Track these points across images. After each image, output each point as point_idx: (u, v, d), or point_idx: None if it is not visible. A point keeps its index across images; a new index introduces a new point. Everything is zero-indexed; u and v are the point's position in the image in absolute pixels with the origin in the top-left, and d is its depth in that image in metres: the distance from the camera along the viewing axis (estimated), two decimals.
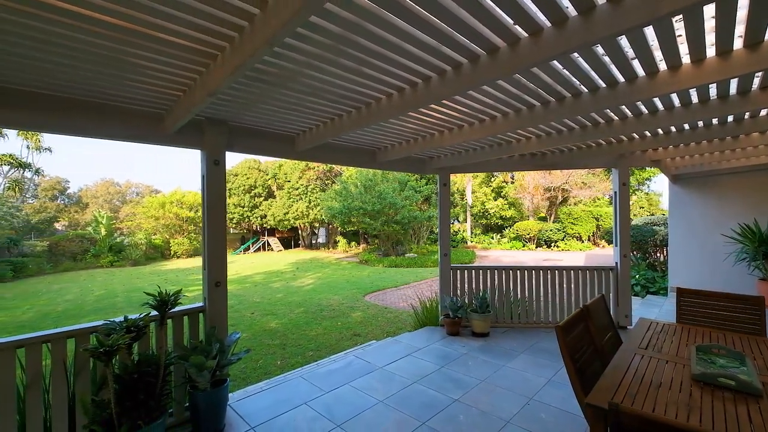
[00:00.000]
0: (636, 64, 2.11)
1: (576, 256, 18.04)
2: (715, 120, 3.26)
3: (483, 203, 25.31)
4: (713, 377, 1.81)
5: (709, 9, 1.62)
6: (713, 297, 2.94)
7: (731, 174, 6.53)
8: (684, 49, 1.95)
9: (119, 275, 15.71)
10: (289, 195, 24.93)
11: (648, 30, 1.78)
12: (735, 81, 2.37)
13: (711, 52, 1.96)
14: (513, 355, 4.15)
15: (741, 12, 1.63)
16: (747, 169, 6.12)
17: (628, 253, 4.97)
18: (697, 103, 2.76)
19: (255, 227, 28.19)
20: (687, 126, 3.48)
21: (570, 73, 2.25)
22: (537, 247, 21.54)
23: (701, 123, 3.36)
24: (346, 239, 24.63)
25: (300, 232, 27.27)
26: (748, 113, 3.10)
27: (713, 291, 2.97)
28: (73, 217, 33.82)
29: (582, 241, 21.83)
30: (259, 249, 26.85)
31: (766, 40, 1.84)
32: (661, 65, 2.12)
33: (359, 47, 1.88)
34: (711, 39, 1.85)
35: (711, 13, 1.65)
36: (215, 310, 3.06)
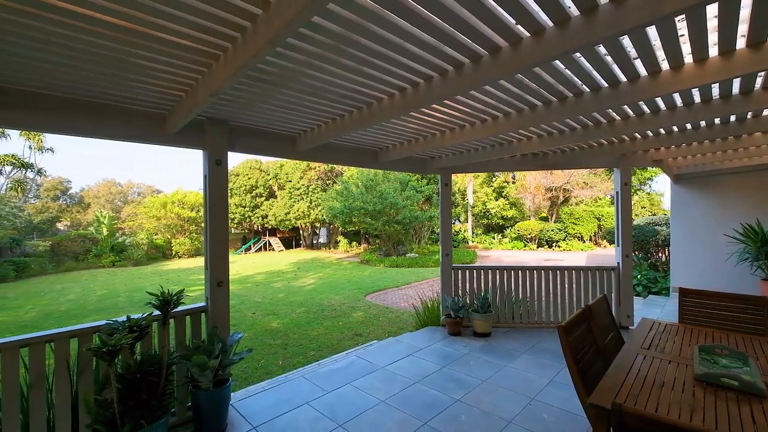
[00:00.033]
0: (638, 63, 2.11)
1: (577, 256, 18.00)
2: (718, 119, 3.25)
3: (484, 203, 25.28)
4: (716, 377, 1.80)
5: (712, 8, 1.61)
6: (716, 297, 2.93)
7: (733, 174, 6.51)
8: (686, 49, 1.95)
9: (121, 275, 15.76)
10: (291, 195, 24.95)
11: (650, 29, 1.77)
12: (738, 81, 2.37)
13: (714, 51, 1.96)
14: (515, 355, 4.14)
15: (744, 11, 1.62)
16: (749, 169, 6.09)
17: (630, 253, 4.96)
18: (700, 103, 2.75)
19: (256, 227, 28.23)
20: (689, 126, 3.47)
21: (572, 73, 2.25)
22: (538, 247, 21.51)
23: (703, 122, 3.35)
24: (347, 239, 24.64)
25: (301, 232, 27.28)
26: (750, 113, 3.09)
27: (716, 291, 2.96)
28: (75, 217, 33.92)
29: (583, 241, 21.79)
30: (261, 249, 26.89)
31: None
32: (664, 65, 2.12)
33: (360, 47, 1.89)
34: (714, 38, 1.84)
35: (714, 13, 1.65)
36: (217, 309, 3.07)
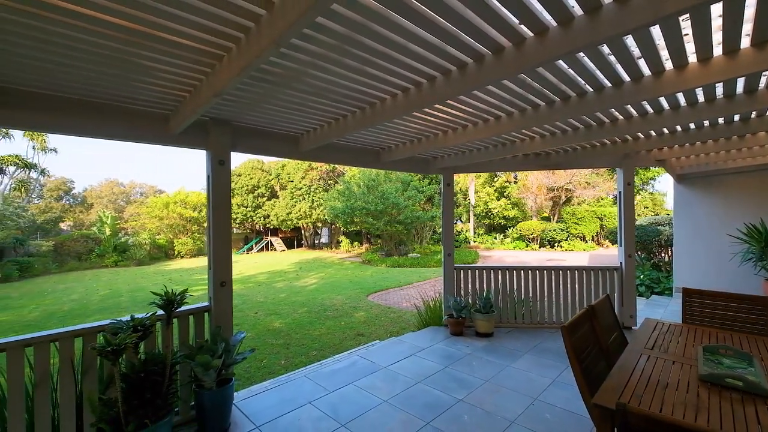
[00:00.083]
0: (642, 63, 2.10)
1: (580, 256, 17.95)
2: (722, 119, 3.24)
3: (486, 203, 25.25)
4: (720, 378, 1.80)
5: (716, 8, 1.61)
6: (719, 297, 2.92)
7: (737, 173, 6.48)
8: (690, 48, 1.94)
9: (124, 275, 15.81)
10: (292, 195, 24.99)
11: (654, 29, 1.77)
12: (742, 80, 2.36)
13: (718, 51, 1.95)
14: (517, 356, 4.14)
15: (749, 10, 1.62)
16: (753, 169, 6.06)
17: (632, 253, 4.94)
18: (704, 103, 2.75)
19: (258, 227, 28.28)
20: (693, 125, 3.46)
21: (575, 73, 2.25)
22: (540, 247, 21.46)
23: (707, 122, 3.34)
24: (348, 239, 24.65)
25: (303, 232, 27.32)
26: (755, 112, 3.08)
27: (719, 291, 2.95)
28: (78, 217, 34.05)
29: (586, 241, 21.74)
30: (263, 249, 26.94)
31: None
32: (667, 64, 2.11)
33: (364, 47, 1.89)
34: (718, 38, 1.84)
35: (718, 12, 1.65)
36: (220, 309, 3.08)
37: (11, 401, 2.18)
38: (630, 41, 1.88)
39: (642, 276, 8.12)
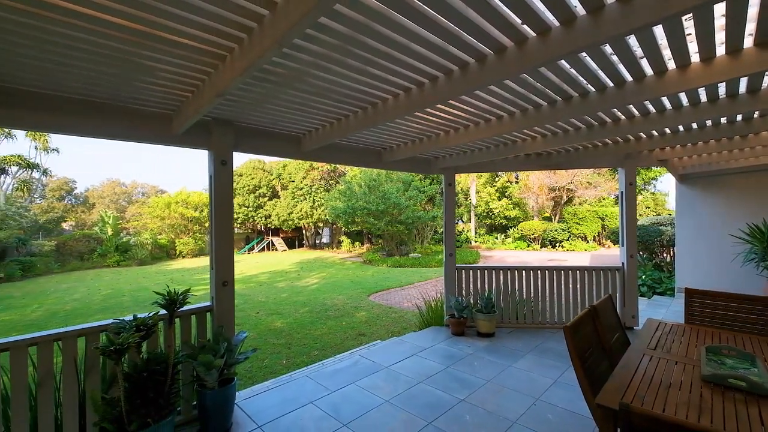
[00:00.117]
0: (644, 63, 2.10)
1: (581, 256, 17.92)
2: (724, 119, 3.23)
3: (487, 203, 25.22)
4: (723, 378, 1.79)
5: (719, 7, 1.61)
6: (722, 298, 2.91)
7: (739, 173, 6.45)
8: (693, 48, 1.94)
9: (125, 275, 15.85)
10: (294, 195, 25.01)
11: (657, 29, 1.76)
12: (744, 80, 2.35)
13: (721, 50, 1.95)
14: (519, 356, 4.14)
15: (752, 10, 1.61)
16: (756, 169, 6.04)
17: (635, 254, 4.93)
18: (706, 102, 2.74)
19: (259, 227, 28.31)
20: (695, 125, 3.45)
21: (578, 73, 2.24)
22: (542, 248, 21.43)
23: (710, 122, 3.33)
24: (350, 239, 24.66)
25: (304, 232, 27.34)
26: (757, 112, 3.07)
27: (722, 291, 2.94)
28: (80, 217, 34.14)
29: (587, 242, 21.69)
30: (264, 249, 26.97)
31: None
32: (670, 64, 2.11)
33: (366, 47, 1.89)
34: (721, 37, 1.83)
35: (721, 12, 1.64)
36: (222, 309, 3.08)
37: (15, 400, 2.19)
38: (633, 41, 1.88)
39: (644, 276, 8.11)
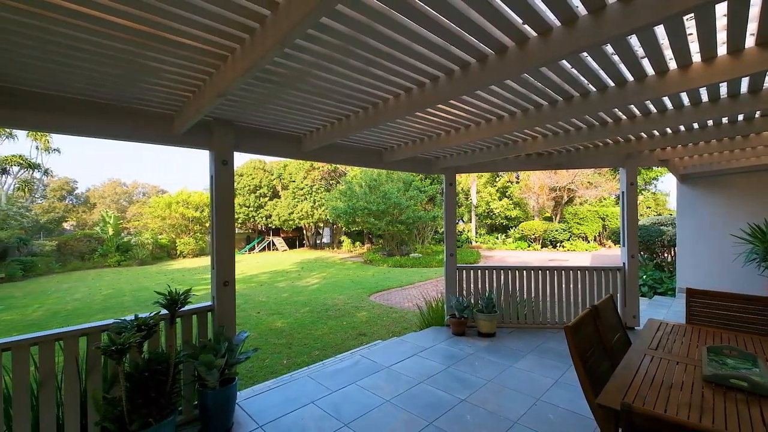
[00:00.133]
0: (645, 62, 2.10)
1: (582, 256, 17.90)
2: (725, 119, 3.23)
3: (488, 203, 25.20)
4: (725, 378, 1.79)
5: (721, 7, 1.60)
6: (723, 298, 2.90)
7: (741, 173, 6.45)
8: (695, 48, 1.93)
9: (126, 274, 15.87)
10: (294, 195, 25.01)
11: (658, 29, 1.76)
12: (746, 79, 2.35)
13: (722, 50, 1.95)
14: (520, 356, 4.13)
15: (753, 9, 1.61)
16: (757, 169, 6.04)
17: (635, 254, 4.93)
18: (707, 102, 2.73)
19: (260, 227, 28.32)
20: (696, 125, 3.44)
21: (579, 73, 2.24)
22: (542, 248, 21.41)
23: (711, 122, 3.32)
24: (350, 239, 24.67)
25: (305, 231, 27.34)
26: (759, 112, 3.06)
27: (723, 292, 2.94)
28: (81, 217, 34.16)
29: (588, 242, 21.67)
30: (264, 249, 26.98)
31: None
32: (671, 64, 2.10)
33: (368, 47, 1.89)
34: (722, 37, 1.83)
35: (723, 11, 1.64)
36: (224, 309, 3.09)
37: (17, 399, 2.19)
38: (634, 41, 1.88)
39: (645, 276, 8.10)
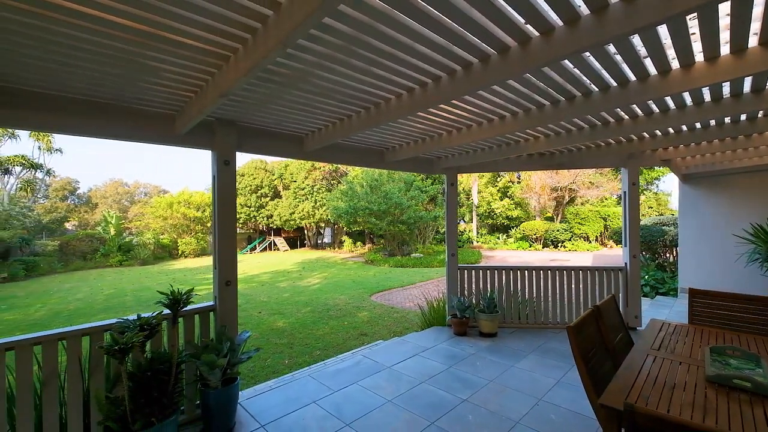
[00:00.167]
0: (648, 62, 2.09)
1: (583, 256, 17.88)
2: (728, 118, 3.22)
3: (489, 203, 25.19)
4: (728, 379, 1.79)
5: (724, 6, 1.60)
6: (726, 298, 2.90)
7: (743, 173, 6.42)
8: (697, 47, 1.93)
9: (128, 274, 15.91)
10: (295, 195, 25.04)
11: (661, 28, 1.76)
12: (749, 79, 2.34)
13: (725, 50, 1.94)
14: (521, 356, 4.13)
15: (757, 9, 1.61)
16: (760, 169, 6.01)
17: (637, 254, 4.92)
18: (710, 102, 2.73)
19: (261, 227, 28.36)
20: (699, 125, 3.43)
21: (581, 72, 2.24)
22: (544, 248, 21.39)
23: (713, 122, 3.31)
24: (351, 239, 24.69)
25: (306, 232, 27.37)
26: (761, 111, 3.05)
27: (726, 292, 2.93)
28: (83, 217, 34.27)
29: (589, 242, 21.63)
30: (266, 249, 27.02)
31: None
32: (674, 63, 2.10)
33: (370, 48, 1.89)
34: (725, 37, 1.83)
35: (726, 11, 1.64)
36: (226, 308, 3.09)
37: (20, 399, 2.20)
38: (636, 40, 1.87)
39: (647, 276, 8.08)
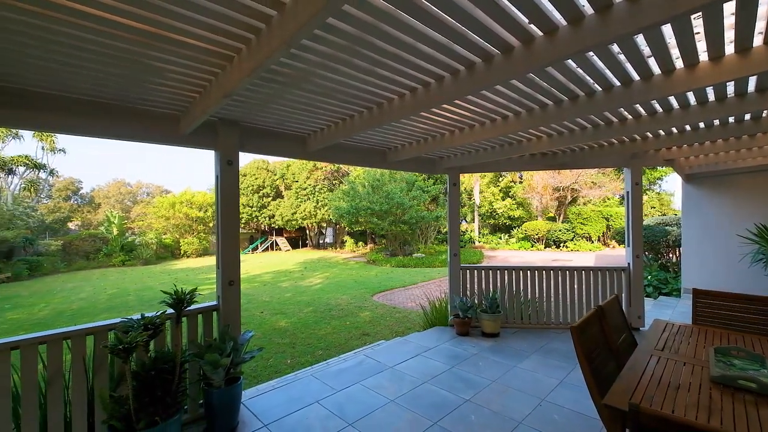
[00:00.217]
0: (652, 62, 2.09)
1: (585, 256, 17.82)
2: (732, 118, 3.21)
3: (491, 203, 25.15)
4: (733, 379, 1.78)
5: (729, 6, 1.59)
6: (730, 298, 2.88)
7: (747, 173, 6.39)
8: (702, 47, 1.92)
9: (131, 274, 15.96)
10: (297, 195, 25.07)
11: (665, 28, 1.75)
12: (753, 79, 2.33)
13: (730, 49, 1.93)
14: (524, 356, 4.12)
15: (762, 8, 1.60)
16: (764, 168, 5.98)
17: (640, 254, 4.90)
18: (714, 101, 2.72)
19: (263, 227, 28.41)
20: (702, 124, 3.42)
21: (584, 72, 2.23)
22: (546, 248, 21.33)
23: (717, 121, 3.30)
24: (353, 239, 24.68)
25: (308, 232, 27.40)
26: (766, 111, 3.04)
27: (730, 292, 2.91)
28: (86, 217, 34.41)
29: (591, 242, 21.56)
30: (268, 249, 27.07)
31: None
32: (678, 63, 2.09)
33: (373, 47, 1.89)
34: (730, 36, 1.82)
35: (731, 10, 1.63)
36: (229, 308, 3.10)
37: (25, 398, 2.21)
38: (640, 40, 1.87)
39: (650, 276, 8.05)
